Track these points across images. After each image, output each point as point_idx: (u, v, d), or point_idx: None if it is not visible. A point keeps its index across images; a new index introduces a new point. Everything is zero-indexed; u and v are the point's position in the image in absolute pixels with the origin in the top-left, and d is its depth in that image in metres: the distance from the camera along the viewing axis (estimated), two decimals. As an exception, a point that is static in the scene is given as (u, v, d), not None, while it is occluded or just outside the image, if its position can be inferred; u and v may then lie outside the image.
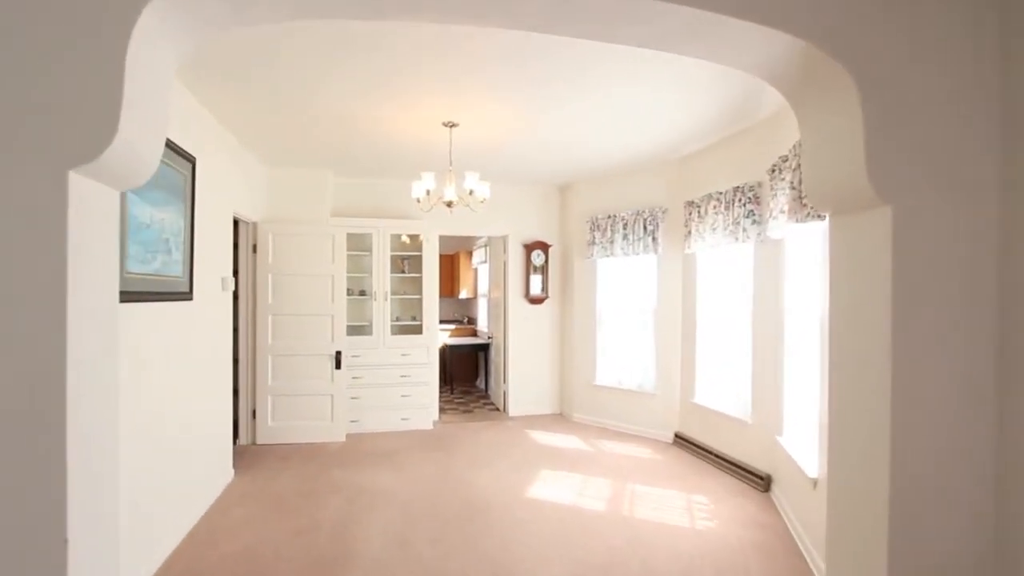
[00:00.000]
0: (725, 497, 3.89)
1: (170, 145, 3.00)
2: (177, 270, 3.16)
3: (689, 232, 4.92)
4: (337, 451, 4.95)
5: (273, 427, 5.14)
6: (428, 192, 3.85)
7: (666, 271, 5.38)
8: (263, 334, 5.12)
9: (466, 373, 8.73)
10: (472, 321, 9.49)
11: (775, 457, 3.90)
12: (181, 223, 3.22)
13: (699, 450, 4.84)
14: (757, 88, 3.49)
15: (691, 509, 3.69)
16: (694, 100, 3.73)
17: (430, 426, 5.79)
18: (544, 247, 6.44)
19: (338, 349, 5.24)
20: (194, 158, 3.38)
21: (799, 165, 3.06)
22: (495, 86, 3.36)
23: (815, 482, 2.93)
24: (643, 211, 5.45)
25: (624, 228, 5.63)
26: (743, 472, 4.23)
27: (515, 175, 5.96)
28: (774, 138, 3.88)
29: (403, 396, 5.70)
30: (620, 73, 3.23)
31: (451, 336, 8.67)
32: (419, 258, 5.91)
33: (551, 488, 4.07)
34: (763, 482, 3.99)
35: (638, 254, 5.48)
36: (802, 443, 3.43)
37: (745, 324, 4.38)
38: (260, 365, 5.12)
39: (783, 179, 3.43)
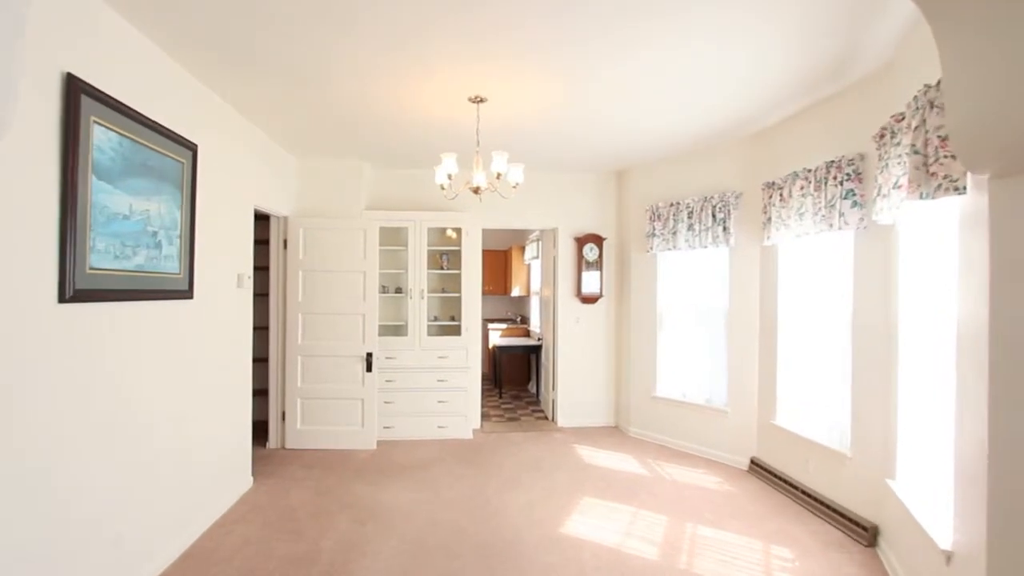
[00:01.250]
0: (815, 550, 3.09)
1: (159, 130, 2.70)
2: (171, 266, 2.86)
3: (768, 219, 4.10)
4: (364, 461, 4.59)
5: (302, 431, 4.87)
6: (450, 177, 3.34)
7: (740, 266, 4.56)
8: (293, 333, 4.86)
9: (517, 376, 8.21)
10: (525, 320, 8.96)
11: (885, 505, 3.06)
12: (177, 215, 2.92)
13: (781, 482, 4.02)
14: (852, 40, 2.71)
15: (769, 565, 2.94)
16: (771, 59, 2.99)
17: (469, 435, 5.32)
18: (598, 240, 5.78)
19: (369, 350, 4.88)
20: (195, 145, 3.08)
21: (924, 121, 2.25)
22: (527, 48, 2.80)
23: (949, 556, 2.12)
24: (711, 197, 4.66)
25: (689, 217, 4.86)
26: (839, 518, 3.39)
27: (563, 161, 5.35)
28: (881, 97, 3.05)
29: (440, 402, 5.26)
30: (678, 26, 2.57)
31: (502, 336, 8.19)
32: (459, 253, 5.44)
33: (594, 523, 3.44)
34: (866, 534, 3.15)
35: (705, 247, 4.70)
36: (924, 493, 2.60)
37: (842, 332, 3.53)
38: (290, 366, 4.86)
39: (898, 144, 2.61)
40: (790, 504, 3.78)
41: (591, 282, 5.80)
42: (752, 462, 4.43)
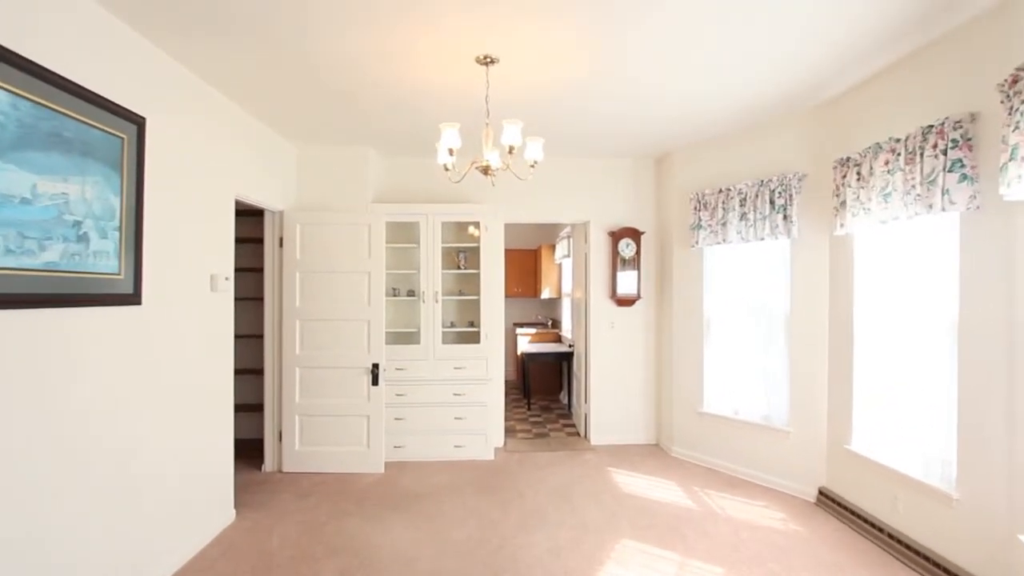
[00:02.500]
0: (924, 629, 2.36)
1: (83, 94, 2.21)
2: (105, 265, 2.38)
3: (841, 203, 3.36)
4: (368, 488, 4.06)
5: (301, 452, 4.38)
6: (452, 153, 2.76)
7: (804, 260, 3.82)
8: (290, 342, 4.38)
9: (547, 385, 7.58)
10: (556, 324, 8.32)
11: (1011, 563, 2.30)
12: (114, 202, 2.44)
13: (860, 522, 3.26)
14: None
15: (865, 651, 2.23)
16: (844, 3, 2.31)
17: (489, 455, 4.73)
18: (635, 234, 5.10)
19: (375, 361, 4.36)
20: (141, 119, 2.60)
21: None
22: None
23: None
24: (769, 180, 3.93)
25: (741, 205, 4.14)
26: (945, 575, 2.65)
27: (593, 145, 4.71)
28: (999, 40, 2.31)
29: (456, 419, 4.69)
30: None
31: (531, 342, 7.58)
32: (478, 251, 4.85)
33: (631, 576, 2.80)
34: (995, 609, 2.39)
35: (761, 239, 3.97)
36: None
37: (944, 340, 2.77)
38: (286, 379, 4.39)
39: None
40: (876, 552, 3.03)
41: (627, 282, 5.13)
42: (821, 493, 3.68)
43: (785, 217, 3.83)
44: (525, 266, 8.42)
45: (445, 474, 4.35)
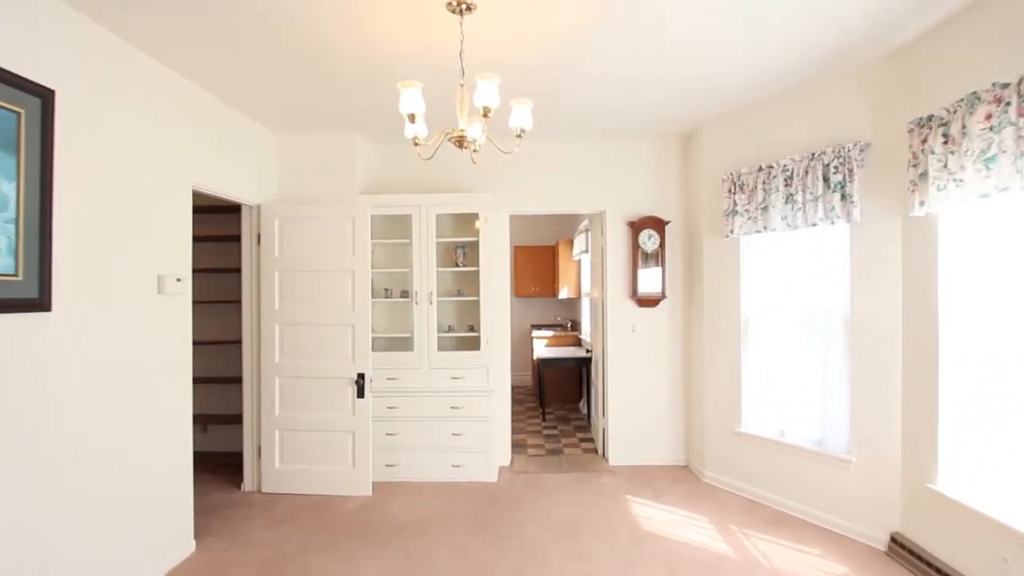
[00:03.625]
0: None
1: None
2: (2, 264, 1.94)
3: (922, 175, 2.64)
4: (351, 516, 3.56)
5: (282, 471, 3.93)
6: (413, 119, 2.21)
7: (868, 249, 3.11)
8: (269, 349, 3.93)
9: (565, 392, 6.97)
10: (576, 327, 7.69)
11: None
12: (7, 189, 2.01)
13: (952, 587, 2.55)
14: None
15: None
16: None
17: (492, 476, 4.17)
18: (658, 225, 4.44)
19: (361, 370, 3.86)
20: (48, 92, 2.16)
21: None
22: None
23: None
24: (821, 153, 3.23)
25: (787, 184, 3.44)
26: None
27: (610, 124, 4.09)
28: None
29: (454, 435, 4.15)
30: None
31: (548, 346, 6.98)
32: (478, 246, 4.29)
33: (647, 655, 2.18)
34: None
35: (813, 224, 3.27)
36: None
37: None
38: (265, 389, 3.94)
39: None
40: (977, 630, 2.32)
41: (650, 279, 4.48)
42: (894, 541, 2.97)
43: (843, 197, 3.12)
44: (542, 264, 7.83)
45: (439, 498, 3.81)
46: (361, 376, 3.85)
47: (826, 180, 3.20)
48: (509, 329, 4.65)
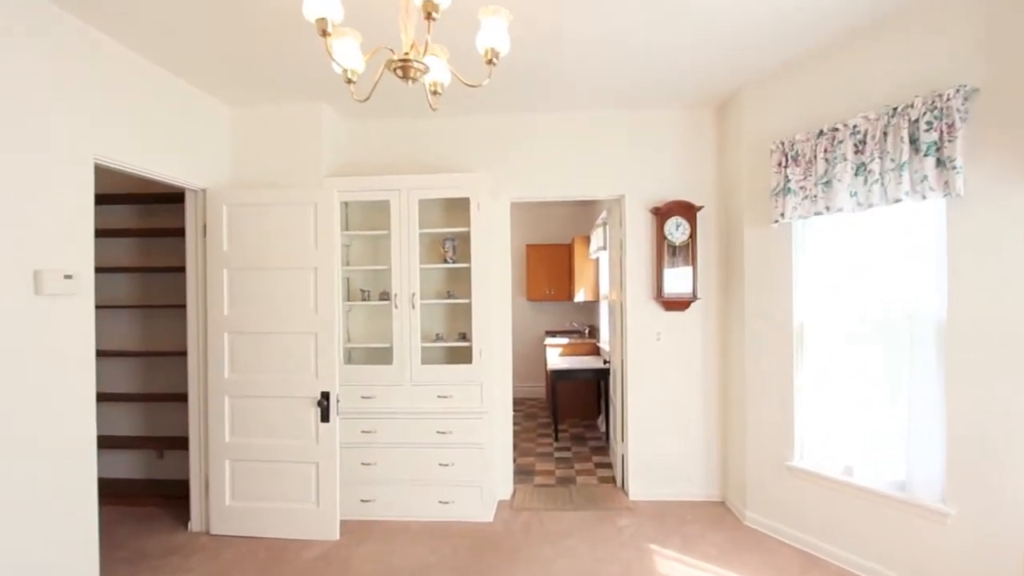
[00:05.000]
0: None
1: None
2: None
3: (1072, 123, 1.84)
4: (307, 568, 2.89)
5: (232, 509, 3.28)
6: (326, 33, 1.52)
7: (976, 231, 2.31)
8: (216, 362, 3.29)
9: (582, 406, 6.22)
10: (594, 333, 6.93)
11: None
12: None
13: None
14: None
15: None
16: None
17: (487, 515, 3.46)
18: (688, 211, 3.69)
19: (325, 389, 3.19)
20: None
21: None
22: None
23: None
24: (908, 106, 2.44)
25: (857, 150, 2.66)
26: None
27: (631, 93, 3.40)
28: None
29: (442, 465, 3.45)
30: None
31: (562, 355, 6.25)
32: (469, 237, 3.59)
33: None
34: None
35: (897, 199, 2.47)
36: None
37: None
38: (213, 410, 3.30)
39: None
40: None
41: (678, 277, 3.72)
42: (1019, 627, 2.15)
43: (939, 162, 2.33)
44: (557, 264, 7.10)
45: (419, 545, 3.12)
46: (325, 396, 3.18)
47: (914, 142, 2.42)
48: (510, 338, 3.94)
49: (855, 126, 2.66)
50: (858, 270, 2.82)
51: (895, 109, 2.49)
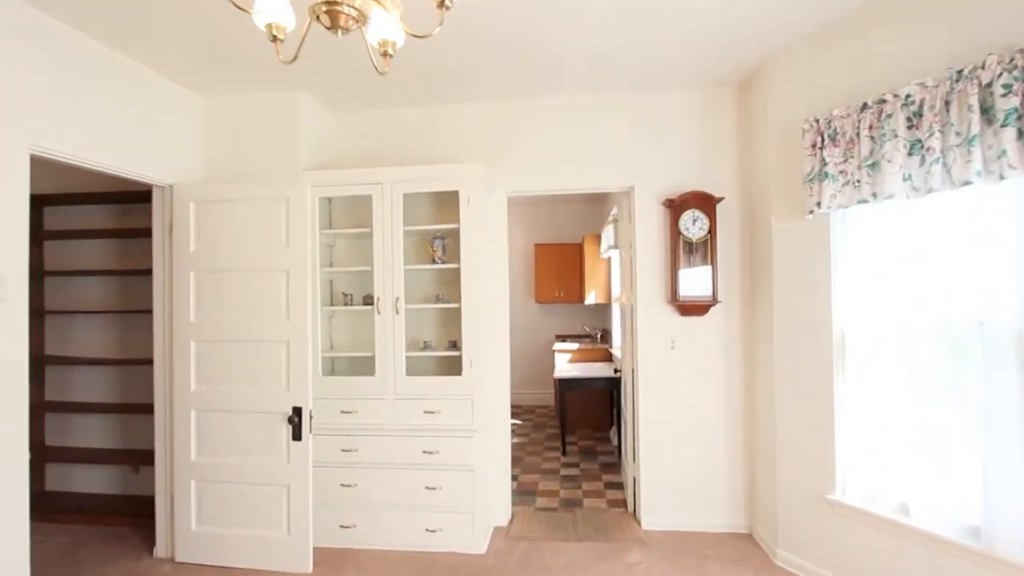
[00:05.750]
0: None
1: None
2: None
3: None
4: (270, 608, 2.56)
5: (199, 535, 2.98)
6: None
7: (1072, 222, 1.84)
8: (183, 373, 3.00)
9: (593, 417, 5.81)
10: (606, 338, 6.51)
11: None
12: None
13: None
14: None
15: None
16: None
17: (479, 546, 3.09)
18: (707, 203, 3.26)
19: (297, 403, 2.87)
20: None
21: None
22: None
23: None
24: (977, 68, 1.99)
25: (911, 124, 2.22)
26: None
27: (639, 72, 2.99)
28: None
29: (428, 489, 3.09)
30: None
31: (571, 362, 5.84)
32: (461, 235, 3.22)
33: None
34: None
35: (965, 182, 2.02)
36: None
37: None
38: (179, 425, 3.01)
39: None
40: None
41: (696, 278, 3.30)
42: None
43: (1022, 133, 1.88)
44: (567, 264, 6.69)
45: (401, 583, 2.77)
46: (297, 411, 2.86)
47: (986, 111, 1.97)
48: (508, 347, 3.57)
49: (908, 96, 2.21)
50: (912, 268, 2.37)
51: (959, 72, 2.03)
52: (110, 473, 3.82)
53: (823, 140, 2.57)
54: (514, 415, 6.38)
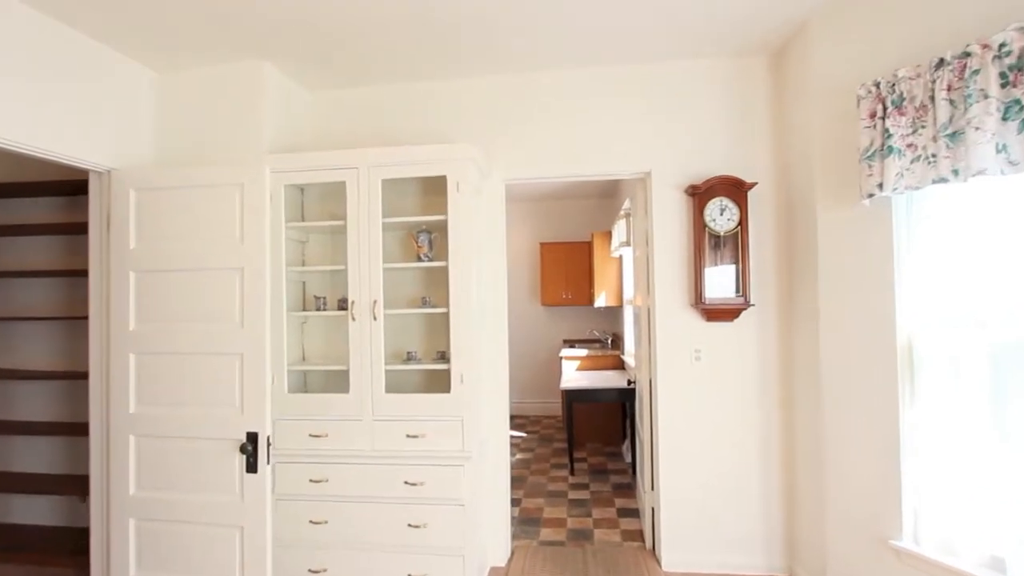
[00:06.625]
0: None
1: None
2: None
3: None
4: None
5: (138, 584, 2.53)
6: None
7: None
8: (120, 391, 2.55)
9: (604, 430, 5.35)
10: (617, 343, 6.04)
11: None
12: None
13: None
14: None
15: None
16: None
17: (473, 594, 2.62)
18: (736, 190, 2.80)
19: (252, 428, 2.41)
20: None
21: None
22: None
23: None
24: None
25: (1005, 81, 1.76)
26: None
27: (653, 33, 2.52)
28: None
29: (411, 526, 2.63)
30: None
31: (579, 370, 5.38)
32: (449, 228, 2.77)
33: None
34: None
35: (1094, 149, 1.55)
36: None
37: None
38: (116, 454, 2.56)
39: None
40: None
41: (724, 278, 2.83)
42: None
43: None
44: (575, 264, 6.24)
45: (376, 644, 2.30)
46: (252, 438, 2.40)
47: (1122, 54, 1.50)
48: (507, 358, 3.12)
49: (1002, 45, 1.75)
50: (1006, 263, 1.89)
51: (1081, 7, 1.57)
52: (54, 504, 3.37)
53: (885, 108, 2.11)
54: (519, 426, 5.91)
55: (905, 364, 2.15)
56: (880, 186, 2.10)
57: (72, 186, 3.14)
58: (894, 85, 2.07)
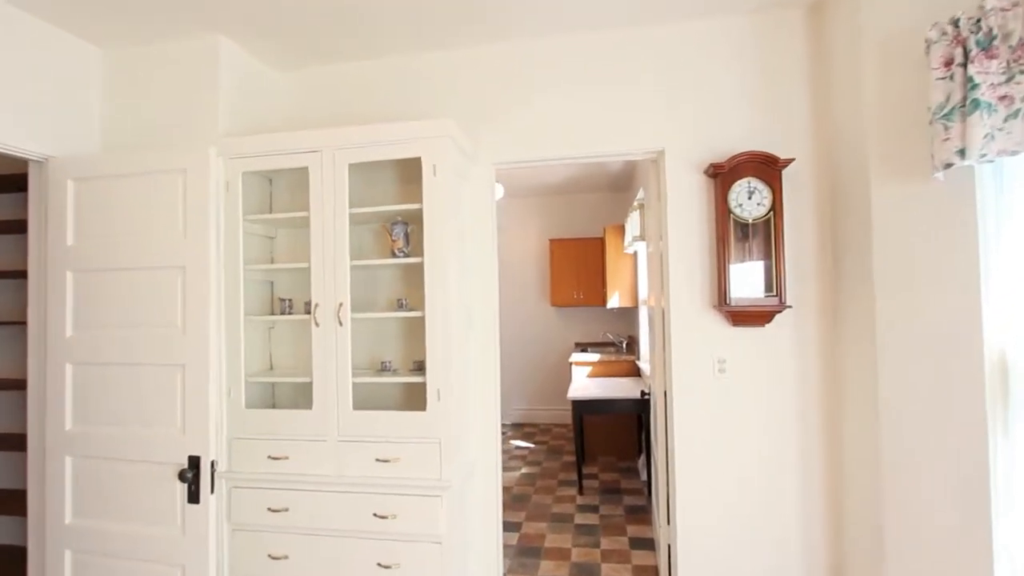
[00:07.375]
0: None
1: None
2: None
3: None
4: None
5: (73, 626, 2.23)
6: None
7: None
8: (56, 406, 2.26)
9: (617, 443, 4.90)
10: (633, 346, 5.57)
11: None
12: None
13: None
14: None
15: None
16: None
17: (454, 647, 2.23)
18: (768, 168, 2.33)
19: (195, 452, 2.09)
20: None
21: None
22: None
23: None
24: None
25: None
26: None
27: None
28: None
29: (381, 566, 2.26)
30: None
31: (591, 376, 4.94)
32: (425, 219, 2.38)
33: None
34: None
35: None
36: None
37: None
38: (52, 478, 2.27)
39: None
40: None
41: (753, 275, 2.37)
42: None
43: None
44: (587, 261, 5.79)
45: None
46: (194, 462, 2.07)
47: None
48: (497, 369, 2.72)
49: None
50: None
51: None
52: (8, 524, 3.13)
53: (967, 52, 1.62)
54: (527, 436, 5.50)
55: (996, 386, 1.67)
56: (961, 153, 1.62)
57: (20, 180, 2.89)
58: (979, 21, 1.59)
